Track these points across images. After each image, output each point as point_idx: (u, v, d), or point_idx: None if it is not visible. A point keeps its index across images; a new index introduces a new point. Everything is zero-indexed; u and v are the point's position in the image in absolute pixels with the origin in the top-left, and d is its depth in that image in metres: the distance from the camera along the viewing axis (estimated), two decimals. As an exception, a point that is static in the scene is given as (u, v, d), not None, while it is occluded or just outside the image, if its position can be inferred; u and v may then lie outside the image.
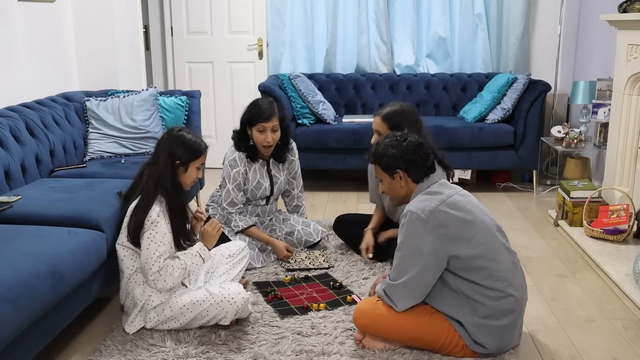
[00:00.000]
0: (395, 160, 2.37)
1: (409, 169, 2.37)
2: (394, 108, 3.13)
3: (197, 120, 4.19)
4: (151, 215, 2.42)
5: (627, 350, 2.44)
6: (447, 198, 2.28)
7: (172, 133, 2.59)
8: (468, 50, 5.31)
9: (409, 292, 2.26)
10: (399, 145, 2.38)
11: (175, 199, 2.53)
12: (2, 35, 3.51)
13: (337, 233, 3.55)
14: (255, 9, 5.33)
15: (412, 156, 2.35)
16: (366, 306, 2.39)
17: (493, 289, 2.22)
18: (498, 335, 2.26)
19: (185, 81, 5.56)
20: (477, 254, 2.21)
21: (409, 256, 2.24)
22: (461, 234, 2.22)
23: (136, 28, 4.75)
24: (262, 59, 5.42)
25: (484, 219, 2.29)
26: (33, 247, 2.25)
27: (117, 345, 2.43)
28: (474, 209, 2.30)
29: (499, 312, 2.24)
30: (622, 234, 3.44)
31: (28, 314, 1.98)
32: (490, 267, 2.22)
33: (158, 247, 2.42)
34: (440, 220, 2.21)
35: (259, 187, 3.33)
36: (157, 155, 2.56)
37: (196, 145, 2.59)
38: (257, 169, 3.33)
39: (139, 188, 2.54)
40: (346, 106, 5.25)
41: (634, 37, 3.56)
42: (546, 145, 4.88)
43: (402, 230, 2.28)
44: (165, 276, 2.43)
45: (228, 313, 2.46)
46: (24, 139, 3.21)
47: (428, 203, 2.25)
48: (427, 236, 2.20)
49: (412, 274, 2.23)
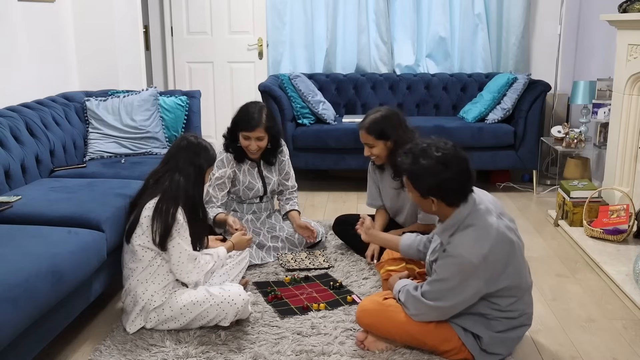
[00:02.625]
0: (430, 189, 2.16)
1: (444, 198, 2.17)
2: (374, 117, 3.07)
3: (197, 120, 4.19)
4: (179, 221, 2.44)
5: (627, 350, 2.44)
6: (495, 235, 2.13)
7: (191, 140, 2.61)
8: (468, 50, 5.31)
9: (435, 315, 2.25)
10: (442, 172, 2.12)
11: (198, 202, 2.58)
12: (2, 35, 3.50)
13: (337, 233, 3.55)
14: (255, 9, 5.33)
15: (454, 184, 2.13)
16: (371, 305, 2.39)
17: (515, 310, 2.24)
18: (509, 344, 2.30)
19: (185, 81, 5.56)
20: (510, 286, 2.20)
21: (451, 290, 2.17)
22: (503, 270, 2.16)
23: (136, 28, 4.74)
24: (262, 59, 5.42)
25: (519, 244, 2.24)
26: (33, 247, 2.25)
27: (117, 345, 2.43)
28: (512, 234, 2.19)
29: (513, 328, 2.27)
30: (622, 234, 3.44)
31: (28, 314, 1.98)
32: (519, 294, 2.24)
33: (187, 247, 2.47)
34: (491, 264, 2.12)
35: (251, 187, 3.34)
36: (177, 161, 2.56)
37: (213, 152, 2.67)
38: (247, 170, 3.34)
39: (156, 191, 2.50)
40: (346, 106, 5.25)
41: (634, 37, 3.56)
42: (546, 145, 4.88)
43: (449, 268, 2.15)
44: (198, 269, 2.51)
45: (228, 314, 2.46)
46: (24, 139, 3.21)
47: (480, 247, 2.10)
48: (476, 281, 2.14)
49: (448, 305, 2.20)
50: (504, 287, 2.18)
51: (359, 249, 3.39)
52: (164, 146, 3.92)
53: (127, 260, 2.53)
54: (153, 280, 2.48)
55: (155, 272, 2.48)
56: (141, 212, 2.46)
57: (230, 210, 3.42)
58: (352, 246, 3.46)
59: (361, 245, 3.36)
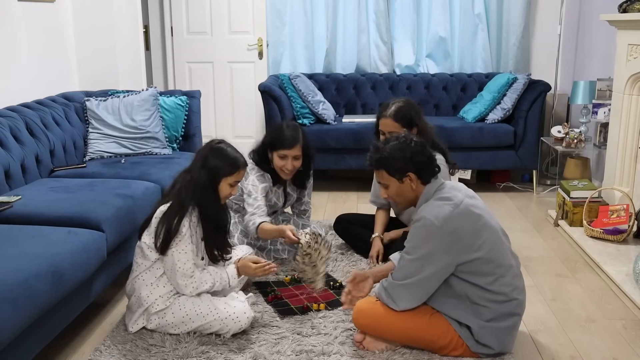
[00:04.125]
0: (405, 164, 2.31)
1: (419, 171, 2.32)
2: (399, 105, 3.05)
3: (197, 120, 4.19)
4: (180, 232, 2.38)
5: (627, 350, 2.44)
6: (459, 203, 2.23)
7: (211, 144, 2.52)
8: (468, 50, 5.31)
9: (412, 293, 2.26)
10: (407, 147, 2.32)
11: (210, 211, 2.47)
12: (2, 35, 3.50)
13: (337, 233, 3.55)
14: (255, 9, 5.33)
15: (422, 157, 2.32)
16: (366, 306, 2.39)
17: (499, 293, 2.23)
18: (502, 336, 2.27)
19: (185, 81, 5.56)
20: (486, 259, 2.21)
21: (418, 260, 2.22)
22: (472, 242, 2.20)
23: (136, 28, 4.74)
24: (262, 59, 5.42)
25: (492, 223, 2.28)
26: (33, 247, 2.25)
27: (117, 345, 2.43)
28: (483, 212, 2.28)
29: (503, 315, 2.25)
30: (622, 234, 3.44)
31: (28, 314, 1.98)
32: (498, 272, 2.23)
33: (182, 261, 2.41)
34: (454, 228, 2.19)
35: (273, 205, 3.29)
36: (194, 164, 2.49)
37: (233, 161, 2.49)
38: (274, 190, 3.27)
39: (171, 194, 2.49)
40: (346, 106, 5.25)
41: (634, 37, 3.56)
42: (546, 145, 4.88)
43: (413, 235, 2.25)
44: (191, 286, 2.45)
45: (231, 330, 2.45)
46: (24, 139, 3.21)
47: (441, 210, 2.21)
48: (439, 244, 2.19)
49: (419, 277, 2.22)
50: (476, 258, 2.19)
51: (360, 248, 3.39)
52: (164, 146, 3.92)
53: (137, 254, 2.53)
54: (158, 284, 2.48)
55: (160, 275, 2.48)
56: (154, 213, 2.46)
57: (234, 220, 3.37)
58: (352, 246, 3.46)
59: (362, 245, 3.37)
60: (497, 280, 2.22)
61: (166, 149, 3.92)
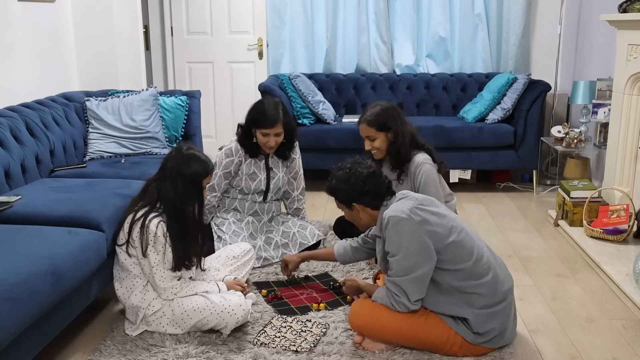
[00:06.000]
0: (349, 194, 2.40)
1: (363, 201, 2.39)
2: (373, 110, 3.09)
3: (197, 120, 4.19)
4: (157, 236, 2.40)
5: (627, 350, 2.44)
6: (415, 199, 2.33)
7: (182, 152, 2.51)
8: (468, 50, 5.31)
9: (417, 286, 2.26)
10: (349, 179, 2.39)
11: (188, 220, 2.47)
12: (2, 35, 3.50)
13: (337, 233, 3.54)
14: (255, 9, 5.33)
15: (364, 187, 2.37)
16: (360, 308, 2.40)
17: (483, 274, 2.26)
18: (500, 318, 2.29)
19: (185, 81, 5.56)
20: (460, 243, 2.25)
21: (411, 255, 2.22)
22: (442, 227, 2.25)
23: (136, 28, 4.75)
24: (262, 59, 5.42)
25: (451, 214, 2.36)
26: (33, 247, 2.25)
27: (117, 345, 2.43)
28: (440, 207, 2.37)
29: (494, 299, 2.27)
30: (622, 234, 3.44)
31: (28, 314, 1.98)
32: (475, 254, 2.26)
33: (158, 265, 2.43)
34: (421, 217, 2.24)
35: (254, 178, 3.32)
36: (168, 173, 2.48)
37: (206, 164, 2.52)
38: (254, 162, 3.33)
39: (143, 201, 2.50)
40: (346, 106, 5.25)
41: (634, 37, 3.56)
42: (546, 145, 4.88)
43: (390, 237, 2.27)
44: (169, 291, 2.46)
45: (228, 324, 2.45)
46: (24, 139, 3.21)
47: (402, 206, 2.28)
48: (415, 232, 2.22)
49: (418, 272, 2.22)
50: (450, 242, 2.23)
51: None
52: (164, 146, 3.92)
53: (117, 265, 2.56)
54: (148, 289, 2.51)
55: (148, 282, 2.51)
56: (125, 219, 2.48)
57: (231, 209, 3.40)
58: (352, 246, 3.46)
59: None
60: (478, 262, 2.26)
61: (166, 149, 3.92)
